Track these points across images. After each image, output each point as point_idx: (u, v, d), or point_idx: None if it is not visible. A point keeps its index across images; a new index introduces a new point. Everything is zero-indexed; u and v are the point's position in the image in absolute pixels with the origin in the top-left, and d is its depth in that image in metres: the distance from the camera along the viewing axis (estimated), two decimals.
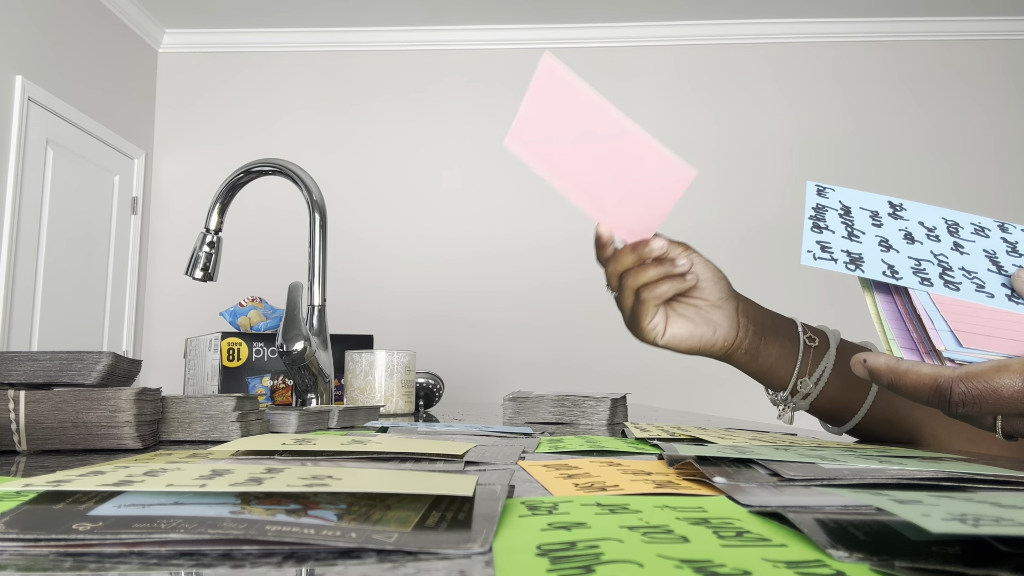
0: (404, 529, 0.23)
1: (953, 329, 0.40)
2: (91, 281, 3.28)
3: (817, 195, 0.48)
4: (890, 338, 0.41)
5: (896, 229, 0.45)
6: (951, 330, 0.40)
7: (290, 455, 0.44)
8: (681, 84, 3.67)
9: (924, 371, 0.40)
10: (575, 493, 0.32)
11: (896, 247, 0.44)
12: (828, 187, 0.50)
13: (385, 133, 3.69)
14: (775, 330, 0.62)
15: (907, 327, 0.42)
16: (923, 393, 0.40)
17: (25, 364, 0.53)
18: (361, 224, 3.61)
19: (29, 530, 0.22)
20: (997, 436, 0.41)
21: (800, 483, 0.32)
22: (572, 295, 3.54)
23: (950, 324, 0.40)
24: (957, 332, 0.40)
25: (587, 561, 0.20)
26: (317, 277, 1.02)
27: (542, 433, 0.68)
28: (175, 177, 3.74)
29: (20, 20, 2.81)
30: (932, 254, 0.44)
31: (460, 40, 3.71)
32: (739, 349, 0.62)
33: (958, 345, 0.39)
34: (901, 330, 0.42)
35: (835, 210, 0.46)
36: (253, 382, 1.17)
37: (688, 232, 3.51)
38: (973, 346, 0.39)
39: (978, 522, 0.20)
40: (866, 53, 3.63)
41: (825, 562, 0.20)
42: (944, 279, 0.43)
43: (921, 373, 0.40)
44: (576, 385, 3.42)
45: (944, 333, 0.40)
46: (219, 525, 0.22)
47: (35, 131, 2.89)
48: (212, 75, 3.78)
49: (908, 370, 0.40)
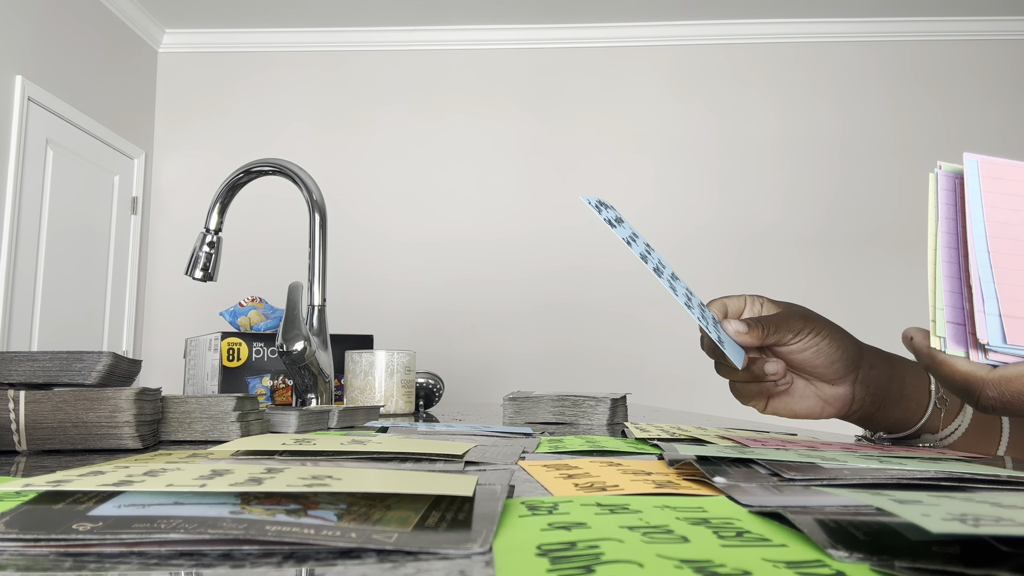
0: (404, 529, 0.23)
1: (1003, 314, 0.39)
2: (91, 281, 3.28)
3: (598, 205, 0.49)
4: (939, 307, 0.40)
5: (643, 242, 0.51)
6: (1000, 314, 0.39)
7: (290, 455, 0.44)
8: (681, 84, 3.67)
9: (959, 367, 0.40)
10: (575, 493, 0.32)
11: (641, 244, 0.50)
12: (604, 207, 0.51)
13: (385, 133, 3.69)
14: (900, 394, 0.57)
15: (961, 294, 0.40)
16: (953, 387, 0.41)
17: (25, 364, 0.53)
18: (361, 224, 3.61)
19: (29, 530, 0.22)
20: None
21: (800, 483, 0.32)
22: (572, 295, 3.54)
23: (1001, 305, 0.39)
24: (1006, 318, 0.38)
25: (587, 561, 0.20)
26: (317, 277, 1.02)
27: (542, 433, 0.68)
28: (175, 177, 3.74)
29: (20, 20, 2.81)
30: (661, 263, 0.51)
31: (460, 40, 3.71)
32: (851, 416, 0.59)
33: (1002, 340, 0.38)
34: (955, 294, 0.40)
35: (612, 211, 0.50)
36: (253, 382, 1.17)
37: (687, 231, 3.51)
38: (1019, 342, 0.38)
39: (978, 522, 0.20)
40: (865, 53, 3.63)
41: (825, 562, 0.20)
42: (668, 281, 0.49)
43: (955, 368, 0.40)
44: (576, 385, 3.42)
45: (992, 318, 0.38)
46: (219, 525, 0.22)
47: (35, 131, 2.89)
48: (212, 75, 3.78)
49: (944, 362, 0.40)
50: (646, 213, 3.53)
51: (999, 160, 0.43)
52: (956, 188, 0.42)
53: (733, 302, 0.58)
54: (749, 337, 0.53)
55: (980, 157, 0.42)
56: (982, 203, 0.41)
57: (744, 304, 0.58)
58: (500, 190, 3.64)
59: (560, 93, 3.68)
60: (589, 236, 3.52)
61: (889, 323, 3.33)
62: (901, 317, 3.32)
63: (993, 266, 0.40)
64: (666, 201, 3.57)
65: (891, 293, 3.44)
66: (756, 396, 0.57)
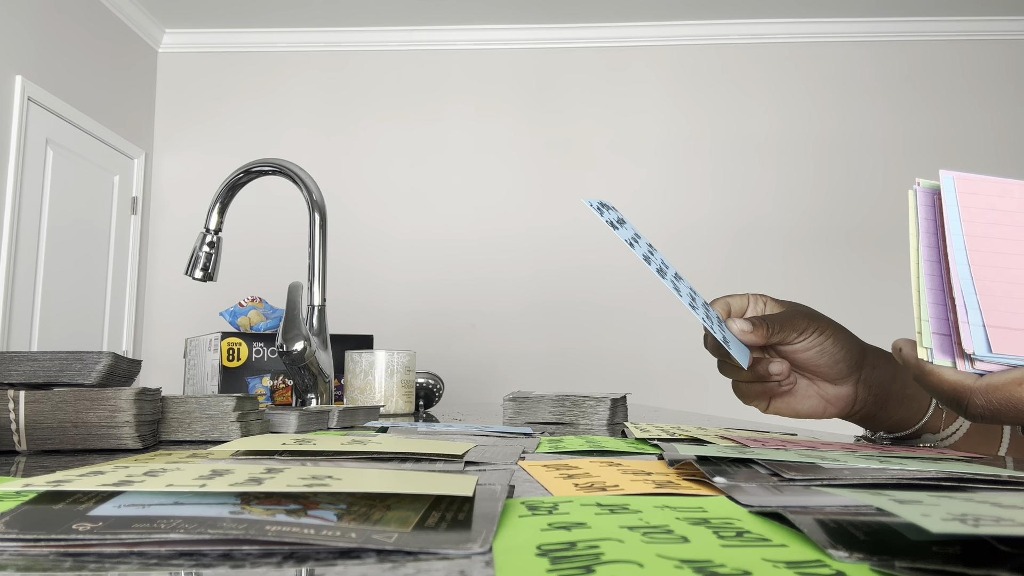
0: (404, 529, 0.23)
1: (987, 324, 0.39)
2: (91, 281, 3.28)
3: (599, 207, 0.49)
4: (924, 318, 0.41)
5: (645, 243, 0.51)
6: (983, 324, 0.39)
7: (290, 455, 0.44)
8: (680, 84, 3.67)
9: (946, 376, 0.40)
10: (575, 493, 0.32)
11: (644, 246, 0.51)
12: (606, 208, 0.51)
13: (385, 133, 3.69)
14: (902, 394, 0.57)
15: (945, 306, 0.41)
16: (942, 397, 0.41)
17: (25, 364, 0.53)
18: (361, 224, 3.61)
19: (29, 530, 0.22)
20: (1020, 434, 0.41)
21: (800, 483, 0.32)
22: (572, 295, 3.54)
23: (984, 316, 0.39)
24: (990, 328, 0.39)
25: (587, 561, 0.20)
26: (317, 277, 1.02)
27: (542, 433, 0.68)
28: (175, 177, 3.74)
29: (20, 20, 2.81)
30: (664, 263, 0.51)
31: (461, 40, 3.71)
32: (854, 416, 0.58)
33: (987, 350, 0.39)
34: (939, 305, 0.41)
35: (614, 212, 0.50)
36: (253, 382, 1.17)
37: (687, 231, 3.51)
38: (1004, 351, 0.39)
39: (978, 522, 0.20)
40: (865, 53, 3.63)
41: (825, 562, 0.20)
42: (672, 282, 0.49)
43: (943, 378, 0.40)
44: (576, 385, 3.42)
45: (976, 329, 0.39)
46: (219, 525, 0.22)
47: (35, 131, 2.89)
48: (212, 75, 3.78)
49: (931, 372, 0.40)
50: (646, 213, 3.53)
51: (974, 176, 0.44)
52: (935, 204, 0.44)
53: (736, 301, 0.58)
54: (754, 336, 0.53)
55: (956, 174, 0.44)
56: (960, 218, 0.42)
57: (748, 303, 0.58)
58: (500, 190, 3.64)
59: (561, 93, 3.68)
60: (589, 236, 3.52)
61: (889, 322, 3.33)
62: (901, 316, 3.32)
63: (975, 278, 0.41)
64: (666, 201, 3.57)
65: (891, 292, 3.44)
66: (759, 396, 0.57)
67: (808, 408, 0.57)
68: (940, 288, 0.41)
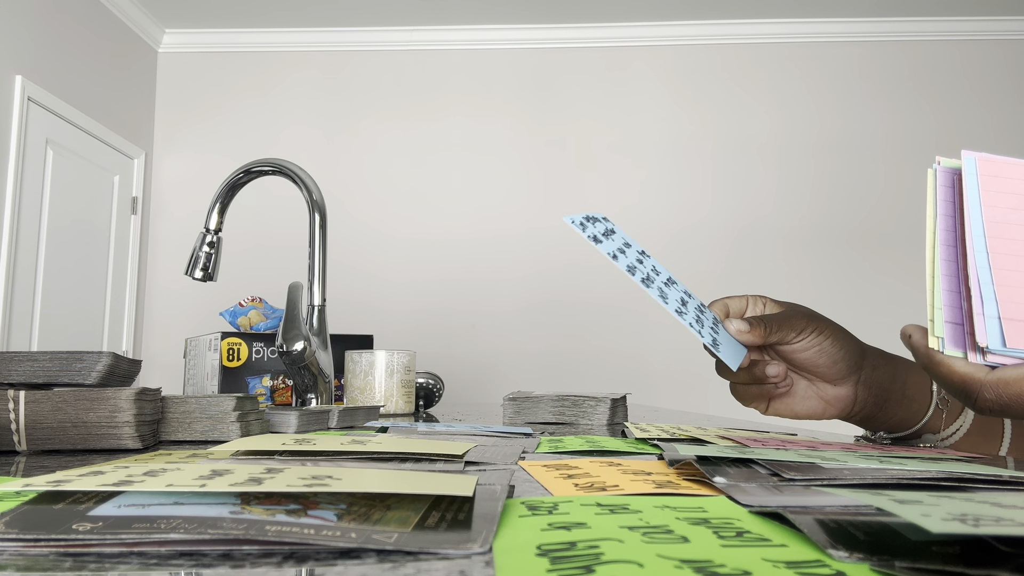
0: (404, 529, 0.23)
1: (1002, 316, 0.38)
2: (91, 281, 3.28)
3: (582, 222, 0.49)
4: (937, 306, 0.39)
5: (635, 252, 0.51)
6: (999, 317, 0.38)
7: (290, 455, 0.44)
8: (680, 84, 3.67)
9: (956, 368, 0.39)
10: (575, 493, 0.32)
11: (631, 255, 0.50)
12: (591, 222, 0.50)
13: (385, 133, 3.69)
14: (902, 394, 0.57)
15: (960, 294, 0.39)
16: (951, 388, 0.40)
17: (25, 364, 0.53)
18: (361, 224, 3.61)
19: (29, 530, 0.22)
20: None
21: (800, 483, 0.32)
22: (572, 295, 3.54)
23: (1000, 308, 0.38)
24: (1005, 320, 0.38)
25: (587, 561, 0.20)
26: (317, 277, 1.02)
27: (542, 433, 0.68)
28: (175, 177, 3.74)
29: (20, 20, 2.81)
30: (655, 269, 0.51)
31: (461, 40, 3.71)
32: (853, 417, 0.58)
33: (1002, 344, 0.38)
34: (953, 293, 0.39)
35: (600, 225, 0.50)
36: (253, 382, 1.17)
37: (687, 231, 3.51)
38: (1018, 345, 0.38)
39: (978, 522, 0.20)
40: (865, 53, 3.63)
41: (825, 562, 0.20)
42: (659, 290, 0.48)
43: (953, 369, 0.39)
44: (576, 385, 3.42)
45: (991, 321, 0.38)
46: (219, 525, 0.22)
47: (35, 131, 2.89)
48: (212, 75, 3.78)
49: (941, 362, 0.40)
50: (647, 213, 3.53)
51: (997, 158, 0.42)
52: (955, 185, 0.42)
53: (735, 302, 0.57)
54: (751, 336, 0.52)
55: (978, 155, 0.42)
56: (980, 202, 0.40)
57: (746, 304, 0.58)
58: (500, 190, 3.64)
59: (561, 93, 3.68)
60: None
61: (889, 322, 3.33)
62: (901, 316, 3.32)
63: (992, 267, 0.39)
64: (666, 201, 3.57)
65: (891, 292, 3.44)
66: (757, 398, 0.57)
67: (807, 409, 0.57)
68: (955, 275, 0.40)
